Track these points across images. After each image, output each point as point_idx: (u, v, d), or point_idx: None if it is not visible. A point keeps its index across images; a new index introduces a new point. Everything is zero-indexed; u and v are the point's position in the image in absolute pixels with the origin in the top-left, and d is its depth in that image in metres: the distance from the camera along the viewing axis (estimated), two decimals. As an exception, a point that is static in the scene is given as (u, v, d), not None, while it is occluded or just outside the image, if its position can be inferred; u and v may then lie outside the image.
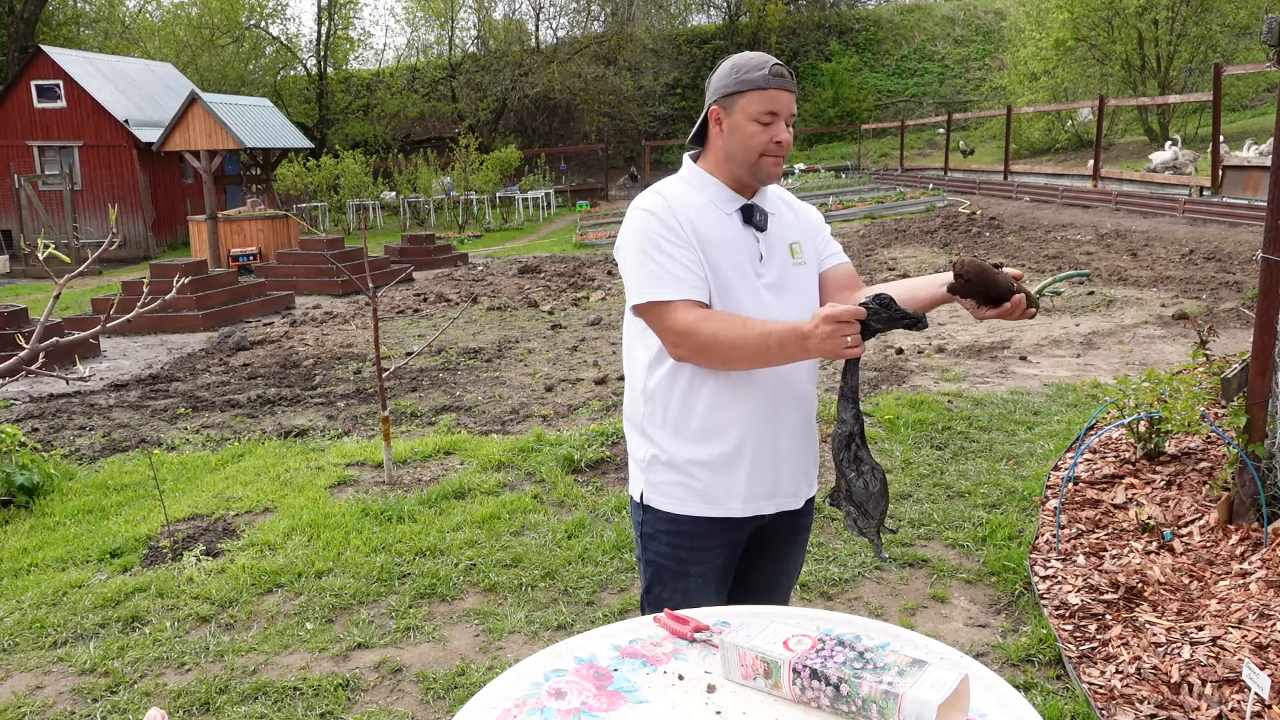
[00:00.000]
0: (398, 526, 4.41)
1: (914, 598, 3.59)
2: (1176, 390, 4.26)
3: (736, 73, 1.97)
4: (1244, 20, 20.00)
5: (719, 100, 2.00)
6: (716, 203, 2.03)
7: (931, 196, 18.96)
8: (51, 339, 2.64)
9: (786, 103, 1.98)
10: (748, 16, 36.23)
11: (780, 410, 2.04)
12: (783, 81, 1.96)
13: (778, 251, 2.06)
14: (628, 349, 2.12)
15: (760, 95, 1.96)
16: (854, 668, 1.43)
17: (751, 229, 2.03)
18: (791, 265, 2.07)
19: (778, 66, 1.96)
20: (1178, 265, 10.27)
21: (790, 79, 1.98)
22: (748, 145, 1.98)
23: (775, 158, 2.00)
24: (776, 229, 2.08)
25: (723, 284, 1.98)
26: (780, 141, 1.98)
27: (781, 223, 2.10)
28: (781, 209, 2.13)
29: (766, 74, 1.95)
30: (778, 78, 1.95)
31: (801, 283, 2.08)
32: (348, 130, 33.72)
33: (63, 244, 19.60)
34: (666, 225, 1.97)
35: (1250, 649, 2.84)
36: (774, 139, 1.97)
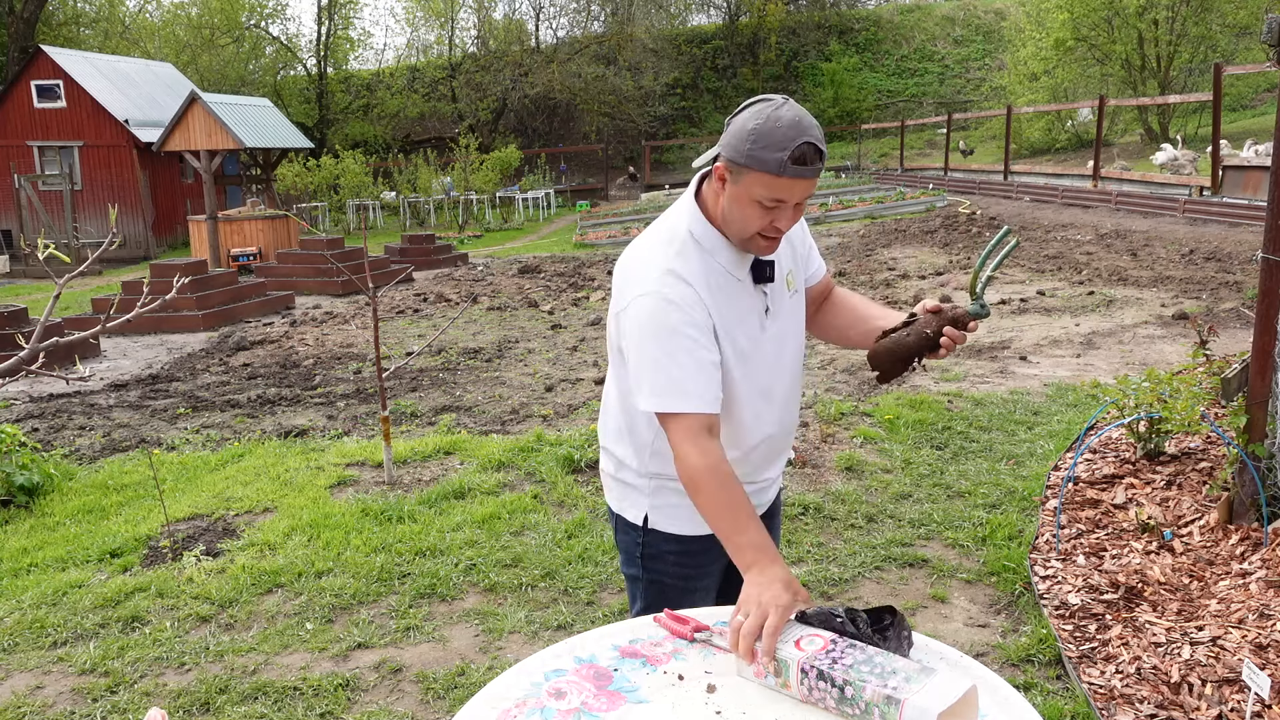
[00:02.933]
0: (398, 526, 4.41)
1: (914, 598, 3.59)
2: (1176, 390, 4.26)
3: (754, 144, 1.67)
4: (1244, 20, 20.00)
5: (728, 162, 1.73)
6: (730, 269, 1.84)
7: (931, 196, 18.96)
8: (51, 339, 2.64)
9: (800, 192, 1.70)
10: (748, 16, 36.23)
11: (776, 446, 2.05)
12: (802, 171, 1.66)
13: (780, 292, 1.94)
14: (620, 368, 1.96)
15: (770, 181, 1.68)
16: (861, 671, 1.43)
17: (761, 286, 1.89)
18: (788, 299, 1.96)
19: (802, 148, 1.64)
20: (1178, 265, 10.26)
21: (814, 164, 1.67)
22: (743, 224, 1.76)
23: (770, 240, 1.78)
24: (777, 268, 1.94)
25: (741, 356, 1.86)
26: (784, 229, 1.76)
27: (779, 255, 1.93)
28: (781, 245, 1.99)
29: (785, 159, 1.64)
30: (797, 165, 1.65)
31: (796, 312, 2.00)
32: (348, 130, 33.73)
33: (63, 244, 19.60)
34: (692, 322, 1.76)
35: (1250, 649, 2.84)
36: (773, 223, 1.74)
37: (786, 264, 1.95)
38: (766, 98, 1.72)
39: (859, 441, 5.27)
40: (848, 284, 11.03)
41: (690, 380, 1.75)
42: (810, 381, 6.76)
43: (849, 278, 11.42)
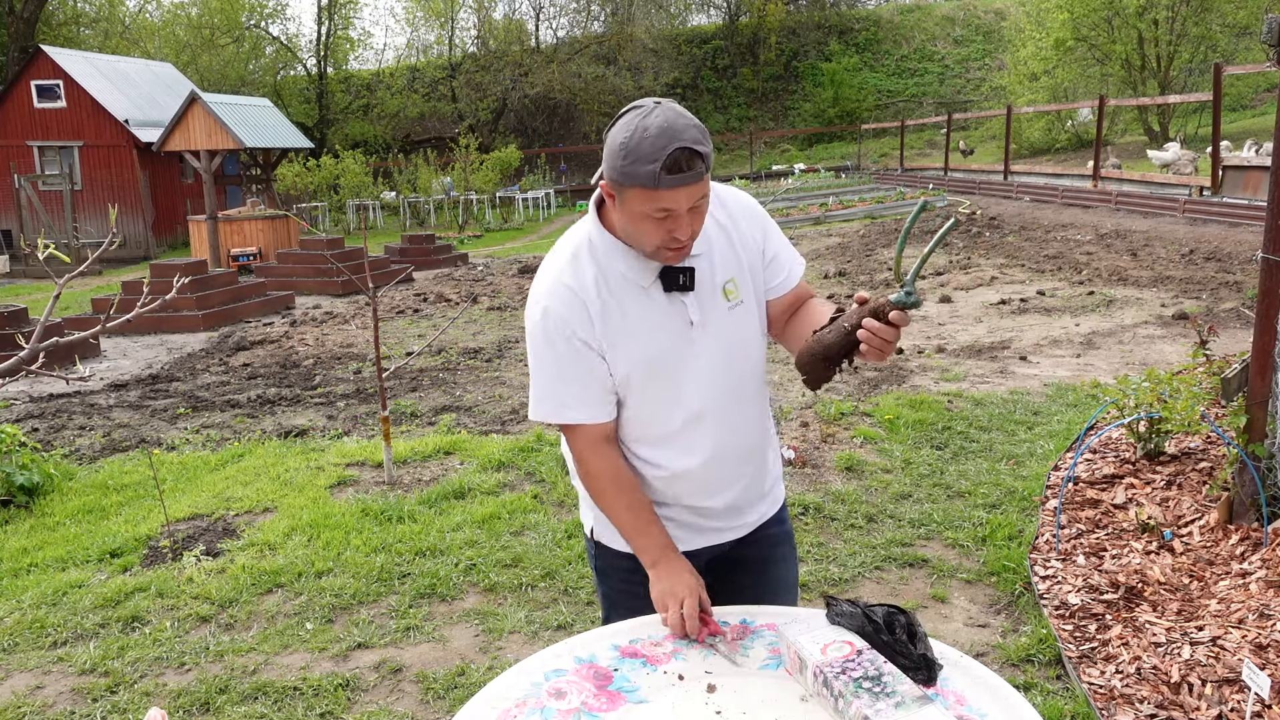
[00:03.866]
0: (398, 526, 4.41)
1: (914, 598, 3.59)
2: (1176, 390, 4.26)
3: (625, 159, 1.57)
4: (1244, 20, 20.00)
5: (609, 181, 1.64)
6: (630, 277, 1.73)
7: (931, 196, 18.96)
8: (51, 339, 2.64)
9: (684, 199, 1.58)
10: (748, 16, 36.24)
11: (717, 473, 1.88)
12: (679, 179, 1.55)
13: (710, 302, 1.77)
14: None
15: (650, 195, 1.58)
16: (860, 687, 1.45)
17: (676, 293, 1.74)
18: (727, 311, 1.79)
19: (674, 155, 1.53)
20: (1178, 265, 10.26)
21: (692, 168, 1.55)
22: (640, 239, 1.67)
23: (675, 250, 1.67)
24: (706, 274, 1.77)
25: (663, 368, 1.76)
26: (683, 238, 1.64)
27: (711, 261, 1.77)
28: (712, 235, 1.78)
29: (658, 171, 1.54)
30: (672, 174, 1.54)
31: (740, 324, 1.81)
32: (348, 130, 33.73)
33: (63, 244, 19.60)
34: (565, 330, 1.72)
35: (1250, 649, 2.84)
36: (671, 234, 1.63)
37: (725, 272, 1.78)
38: (637, 105, 1.62)
39: (859, 441, 5.27)
40: (848, 284, 11.03)
41: (569, 391, 1.75)
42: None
43: (849, 278, 11.42)
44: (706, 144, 1.59)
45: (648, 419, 1.82)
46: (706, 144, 1.59)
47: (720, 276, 1.78)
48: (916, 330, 8.40)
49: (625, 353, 1.74)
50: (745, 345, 1.83)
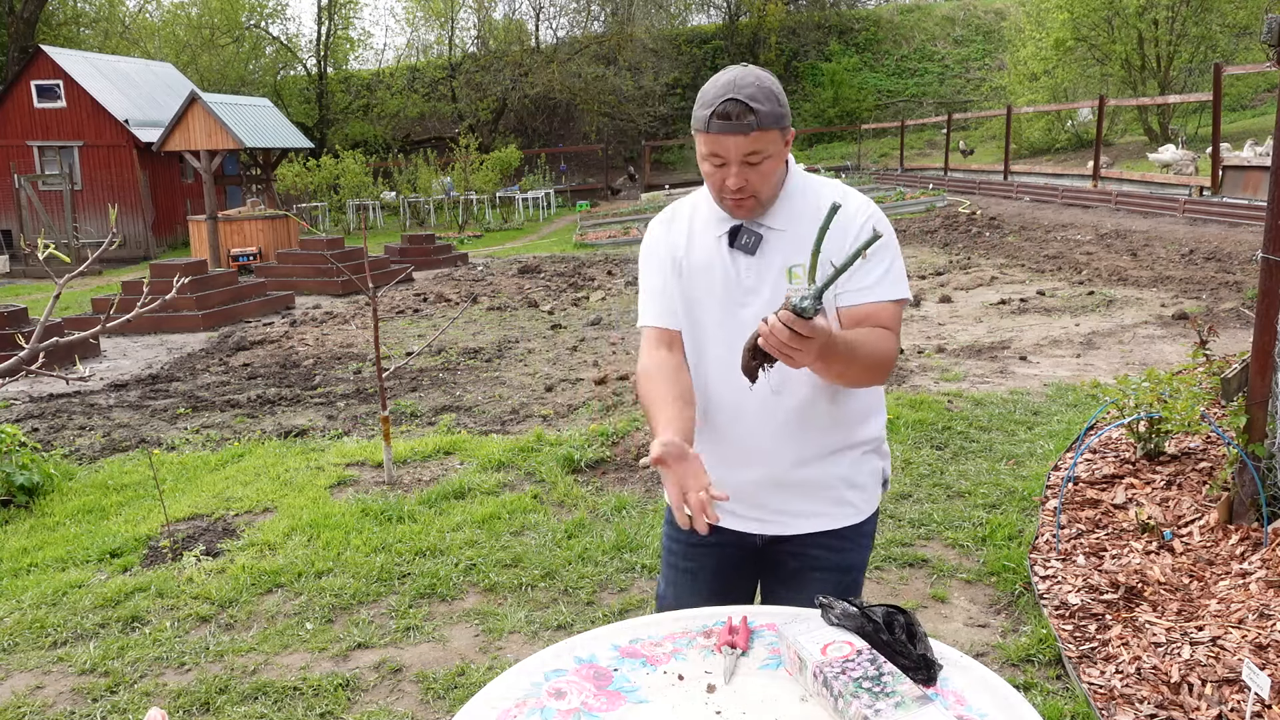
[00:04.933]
0: (398, 526, 4.41)
1: (914, 598, 3.59)
2: (1176, 390, 4.26)
3: (697, 104, 1.79)
4: (1244, 20, 20.00)
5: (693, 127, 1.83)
6: (710, 223, 1.90)
7: (931, 196, 18.96)
8: (51, 339, 2.64)
9: (731, 147, 1.73)
10: (748, 16, 36.23)
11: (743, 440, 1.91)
12: (725, 125, 1.71)
13: (769, 277, 1.84)
14: None
15: (705, 138, 1.76)
16: (860, 688, 1.45)
17: (738, 252, 1.85)
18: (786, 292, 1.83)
19: (725, 105, 1.70)
20: (1178, 265, 10.26)
21: (739, 120, 1.70)
22: (707, 181, 1.84)
23: (734, 200, 1.80)
24: (775, 250, 1.84)
25: (695, 315, 1.90)
26: (731, 187, 1.77)
27: (787, 241, 1.84)
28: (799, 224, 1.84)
29: (709, 116, 1.72)
30: (721, 119, 1.70)
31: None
32: (348, 130, 33.73)
33: (63, 244, 19.61)
34: (650, 247, 1.98)
35: (1250, 649, 2.84)
36: (724, 181, 1.77)
37: (793, 258, 1.83)
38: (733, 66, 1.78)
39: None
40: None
41: (647, 298, 1.97)
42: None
43: (849, 278, 11.41)
44: (766, 103, 1.71)
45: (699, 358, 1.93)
46: (766, 103, 1.71)
47: (786, 258, 1.84)
48: (916, 330, 8.40)
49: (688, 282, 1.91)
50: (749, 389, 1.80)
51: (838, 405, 1.92)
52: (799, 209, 1.85)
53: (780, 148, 1.78)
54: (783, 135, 1.78)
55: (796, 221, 1.84)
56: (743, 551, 2.04)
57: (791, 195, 1.86)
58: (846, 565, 2.00)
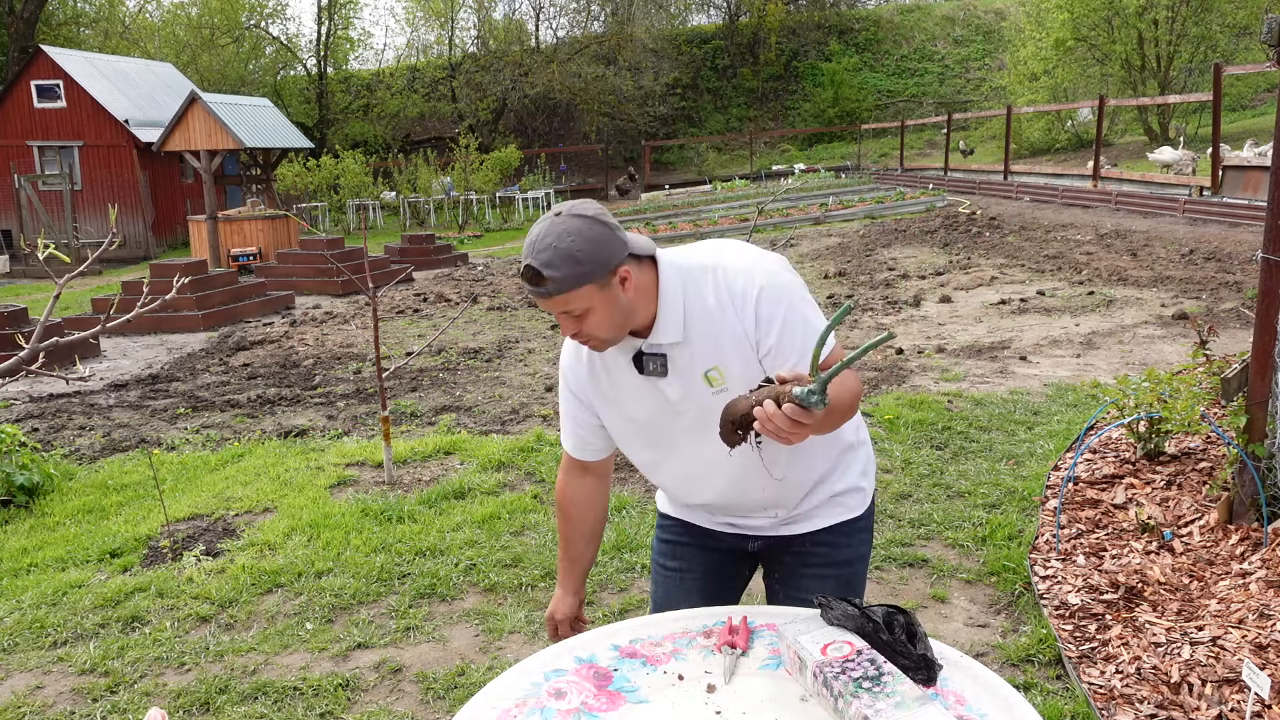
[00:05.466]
0: (398, 526, 4.41)
1: (914, 598, 3.59)
2: (1176, 390, 4.26)
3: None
4: (1244, 20, 20.00)
5: None
6: (619, 350, 1.82)
7: (931, 196, 18.96)
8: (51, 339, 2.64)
9: (546, 305, 1.67)
10: (748, 16, 36.23)
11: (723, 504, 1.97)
12: (529, 289, 1.66)
13: (691, 385, 1.79)
14: None
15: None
16: (860, 688, 1.45)
17: (653, 376, 1.80)
18: (710, 397, 1.77)
19: (524, 271, 1.65)
20: (1178, 265, 10.26)
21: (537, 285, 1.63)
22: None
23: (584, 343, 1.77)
24: (684, 361, 1.77)
25: (649, 434, 1.88)
26: (566, 334, 1.75)
27: (690, 350, 1.76)
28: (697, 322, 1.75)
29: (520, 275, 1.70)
30: (525, 281, 1.65)
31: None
32: (348, 130, 33.72)
33: (63, 244, 19.60)
34: (563, 373, 1.96)
35: (1250, 649, 2.84)
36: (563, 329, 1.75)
37: (707, 360, 1.77)
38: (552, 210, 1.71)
39: (859, 441, 5.27)
40: (847, 284, 11.03)
41: (564, 422, 2.02)
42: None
43: (849, 278, 11.43)
44: (562, 267, 1.60)
45: (648, 469, 1.99)
46: (562, 267, 1.60)
47: (701, 364, 1.77)
48: (916, 330, 8.40)
49: (611, 416, 1.92)
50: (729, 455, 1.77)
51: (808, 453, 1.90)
52: (687, 316, 1.75)
53: (601, 298, 1.66)
54: (601, 286, 1.65)
55: (691, 328, 1.75)
56: (736, 553, 2.07)
57: (671, 303, 1.74)
58: (844, 559, 2.01)
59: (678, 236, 17.33)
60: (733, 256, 1.79)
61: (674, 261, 1.78)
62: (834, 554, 2.00)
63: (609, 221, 1.67)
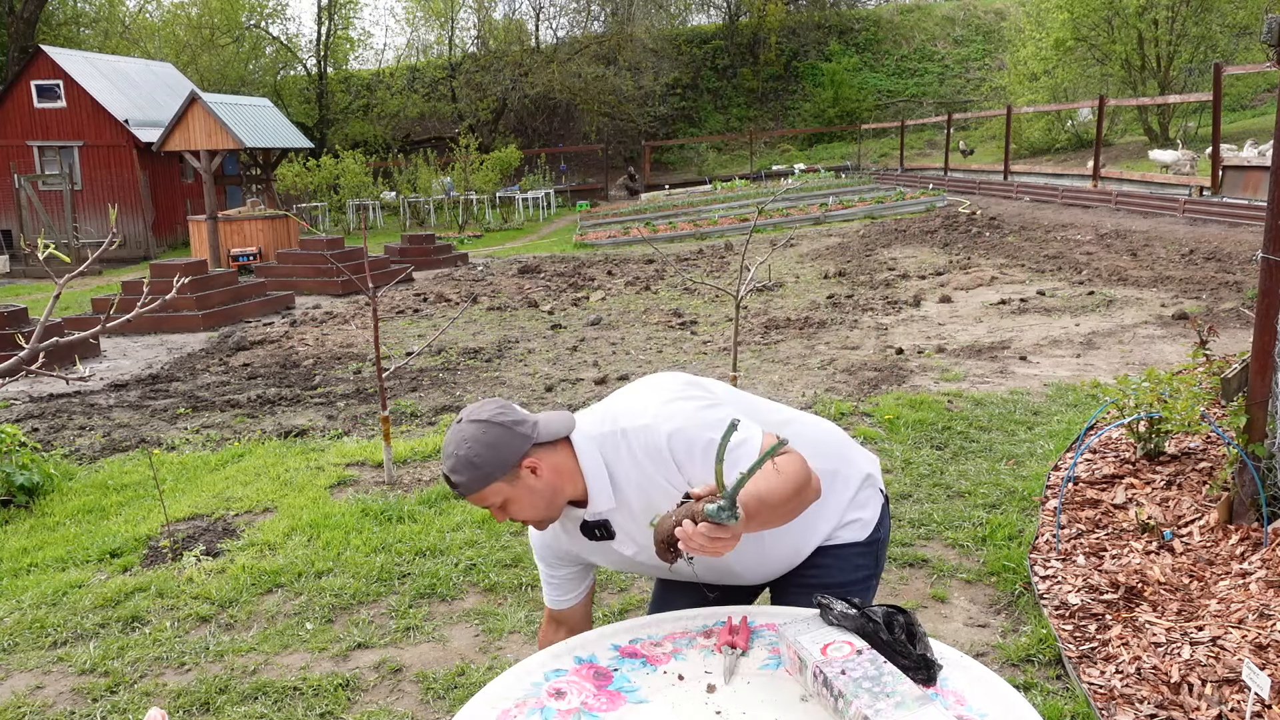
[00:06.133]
0: (398, 526, 4.41)
1: (914, 598, 3.59)
2: (1176, 390, 4.26)
3: None
4: (1244, 20, 19.99)
5: None
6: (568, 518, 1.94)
7: (931, 196, 18.96)
8: (51, 339, 2.64)
9: (472, 503, 1.89)
10: (748, 16, 36.23)
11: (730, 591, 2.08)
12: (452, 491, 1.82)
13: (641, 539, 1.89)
14: None
15: None
16: (861, 687, 1.45)
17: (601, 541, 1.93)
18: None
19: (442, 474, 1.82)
20: (1178, 265, 10.26)
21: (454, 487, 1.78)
22: None
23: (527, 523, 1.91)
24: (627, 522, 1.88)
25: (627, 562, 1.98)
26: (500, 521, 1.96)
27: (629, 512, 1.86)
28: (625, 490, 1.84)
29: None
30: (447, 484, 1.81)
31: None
32: (348, 130, 33.72)
33: (63, 244, 19.61)
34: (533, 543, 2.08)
35: (1250, 649, 2.84)
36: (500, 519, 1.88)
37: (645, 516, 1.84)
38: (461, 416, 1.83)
39: (859, 442, 5.27)
40: (847, 284, 11.03)
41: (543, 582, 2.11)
42: (810, 381, 6.76)
43: (849, 278, 11.42)
44: (465, 472, 1.75)
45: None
46: (465, 472, 1.75)
47: (642, 519, 1.85)
48: (916, 330, 8.40)
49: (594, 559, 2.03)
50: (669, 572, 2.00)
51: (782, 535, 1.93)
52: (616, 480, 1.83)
53: (512, 490, 1.79)
54: (509, 481, 1.77)
55: (623, 492, 1.83)
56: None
57: (595, 475, 1.82)
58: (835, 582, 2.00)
59: (678, 236, 17.34)
60: (631, 415, 1.83)
61: (587, 434, 1.85)
62: (830, 576, 2.02)
63: (506, 421, 1.77)
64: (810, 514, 1.93)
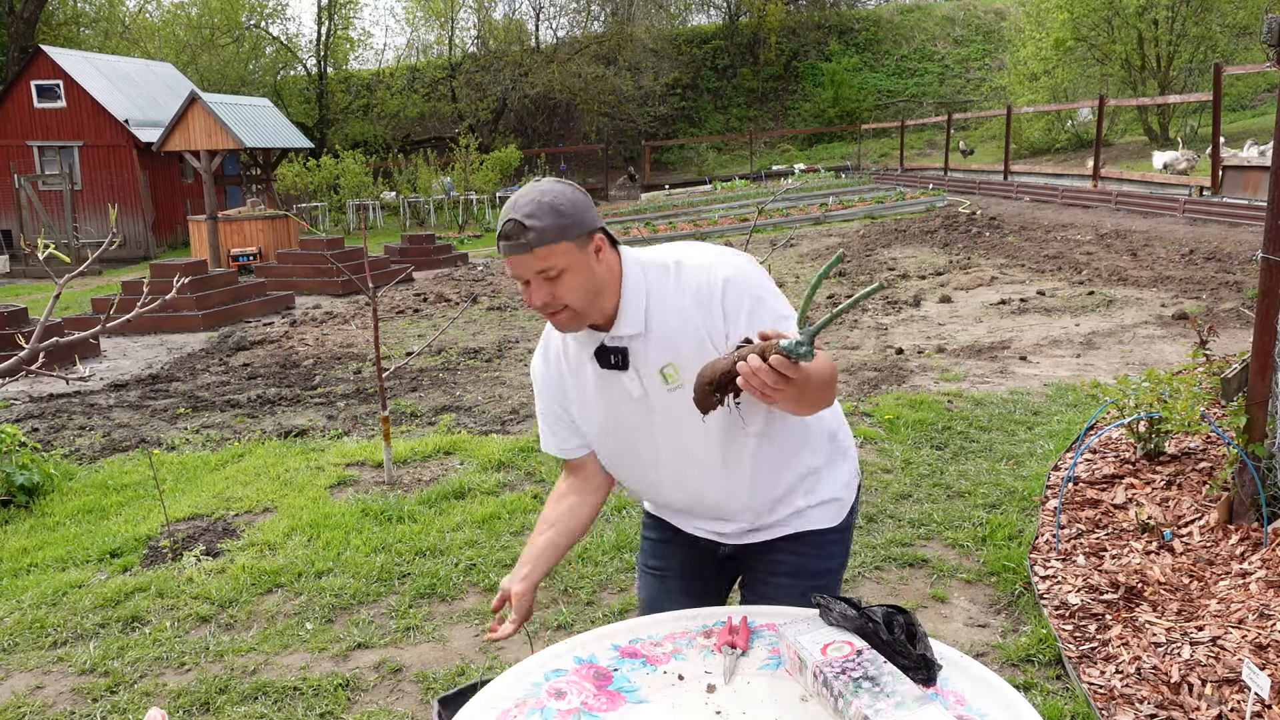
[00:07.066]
0: (398, 526, 4.41)
1: (914, 598, 3.59)
2: (1176, 390, 4.26)
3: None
4: (1244, 20, 20.00)
5: None
6: (582, 346, 1.86)
7: (931, 196, 18.96)
8: (51, 339, 2.64)
9: (521, 266, 1.68)
10: (748, 16, 36.23)
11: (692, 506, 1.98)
12: (507, 246, 1.67)
13: (649, 382, 1.81)
14: None
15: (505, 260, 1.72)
16: (861, 687, 1.45)
17: (614, 370, 1.82)
18: (666, 393, 1.80)
19: (505, 226, 1.66)
20: (1178, 265, 10.26)
21: (517, 239, 1.65)
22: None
23: (548, 316, 1.76)
24: (641, 355, 1.80)
25: (613, 433, 1.91)
26: (535, 303, 1.72)
27: (647, 343, 1.79)
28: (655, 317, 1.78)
29: (498, 238, 1.70)
30: (504, 240, 1.67)
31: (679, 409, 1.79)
32: (348, 130, 33.72)
33: (63, 244, 19.60)
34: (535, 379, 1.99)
35: (1250, 649, 2.84)
36: (530, 299, 1.73)
37: (663, 355, 1.78)
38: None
39: (859, 441, 5.27)
40: (848, 284, 11.03)
41: (540, 429, 2.02)
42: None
43: (849, 277, 11.42)
44: (544, 218, 1.64)
45: (618, 468, 1.99)
46: (544, 218, 1.64)
47: (657, 359, 1.79)
48: (916, 330, 8.40)
49: (584, 413, 1.93)
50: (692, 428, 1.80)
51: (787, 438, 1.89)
52: (648, 308, 1.78)
53: (579, 257, 1.69)
54: (579, 245, 1.69)
55: (652, 322, 1.78)
56: (712, 556, 2.06)
57: (634, 298, 1.77)
58: (812, 571, 1.97)
59: (678, 236, 17.33)
60: (693, 254, 1.80)
61: (635, 257, 1.80)
62: (804, 564, 1.97)
63: (586, 194, 1.74)
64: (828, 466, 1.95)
